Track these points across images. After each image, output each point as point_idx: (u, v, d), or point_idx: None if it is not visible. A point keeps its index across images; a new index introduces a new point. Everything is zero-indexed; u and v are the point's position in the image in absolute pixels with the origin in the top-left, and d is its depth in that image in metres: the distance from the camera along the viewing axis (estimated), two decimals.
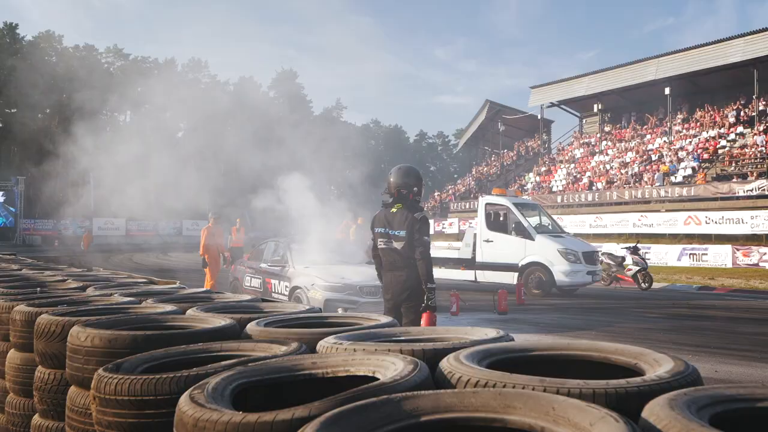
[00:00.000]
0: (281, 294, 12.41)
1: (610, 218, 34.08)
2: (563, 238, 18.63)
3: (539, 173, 45.56)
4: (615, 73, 43.60)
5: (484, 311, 14.14)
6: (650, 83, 41.11)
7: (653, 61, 40.94)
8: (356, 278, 11.69)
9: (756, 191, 30.27)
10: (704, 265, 27.59)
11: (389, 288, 6.13)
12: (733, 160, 34.56)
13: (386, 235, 6.09)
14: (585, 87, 45.30)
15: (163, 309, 3.91)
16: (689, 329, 11.79)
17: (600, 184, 38.97)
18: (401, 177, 6.10)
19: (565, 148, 48.89)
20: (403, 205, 6.02)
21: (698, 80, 41.06)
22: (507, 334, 2.81)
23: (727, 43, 37.24)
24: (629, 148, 41.88)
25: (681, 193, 33.24)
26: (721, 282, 22.52)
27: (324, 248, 12.84)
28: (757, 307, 15.84)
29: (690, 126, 40.40)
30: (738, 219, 29.23)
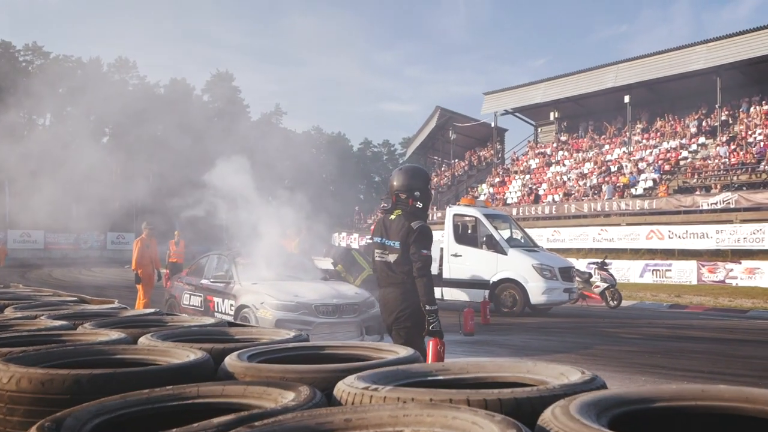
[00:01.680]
0: (225, 314, 11.67)
1: (568, 232, 34.05)
2: (538, 252, 18.25)
3: (493, 184, 45.50)
4: (572, 80, 43.89)
5: (449, 332, 13.54)
6: (609, 91, 41.49)
7: (612, 67, 41.32)
8: (311, 296, 11.05)
9: (720, 204, 30.55)
10: (668, 282, 27.67)
11: (384, 306, 5.60)
12: (696, 171, 34.96)
13: (382, 245, 5.59)
14: (541, 94, 45.49)
15: (108, 336, 3.23)
16: (675, 351, 11.49)
17: (557, 196, 39.04)
18: (401, 179, 5.57)
19: (519, 158, 49.00)
20: (403, 213, 5.48)
21: (659, 88, 41.58)
22: (596, 376, 2.24)
23: (689, 49, 37.77)
24: (587, 158, 42.13)
25: (642, 206, 33.41)
26: (688, 300, 22.50)
27: (274, 262, 12.17)
28: (737, 327, 15.70)
29: (650, 136, 40.84)
30: (702, 233, 29.41)
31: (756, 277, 25.83)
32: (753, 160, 32.84)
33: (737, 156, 33.73)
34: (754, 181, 32.09)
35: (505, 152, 52.91)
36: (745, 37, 35.57)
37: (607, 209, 34.81)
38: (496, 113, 49.10)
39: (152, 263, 14.78)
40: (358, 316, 11.08)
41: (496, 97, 48.72)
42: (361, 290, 12.01)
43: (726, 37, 36.43)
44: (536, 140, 50.39)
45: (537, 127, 50.80)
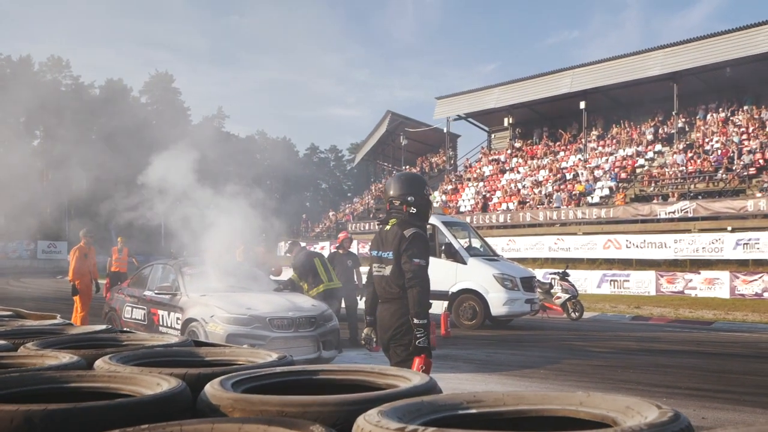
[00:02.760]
0: (171, 328, 11.18)
1: (523, 241, 34.06)
2: (498, 261, 18.04)
3: (445, 192, 45.46)
4: (527, 85, 44.08)
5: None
6: (564, 96, 41.76)
7: (568, 72, 41.60)
8: (265, 308, 10.63)
9: (678, 213, 30.89)
10: (626, 293, 27.80)
11: (380, 325, 5.28)
12: (653, 180, 35.35)
13: (378, 259, 5.29)
14: (495, 99, 45.60)
15: (58, 360, 2.84)
16: (647, 366, 11.37)
17: (512, 204, 39.12)
18: (395, 186, 5.31)
19: (472, 164, 49.07)
20: (397, 221, 5.20)
21: (615, 94, 42.06)
22: (678, 413, 1.92)
23: (646, 55, 38.22)
24: (542, 165, 42.34)
25: (599, 215, 33.63)
26: (649, 311, 22.62)
27: (224, 272, 11.74)
28: (704, 339, 15.74)
29: (606, 143, 41.24)
30: (660, 243, 29.66)
31: (715, 287, 26.07)
32: (710, 168, 33.32)
33: (694, 164, 34.19)
34: (712, 189, 32.56)
35: (458, 159, 52.98)
36: (702, 43, 36.10)
37: (563, 218, 34.95)
38: (449, 118, 49.07)
39: (91, 274, 14.18)
40: (316, 329, 10.71)
41: (449, 101, 48.73)
42: (317, 302, 11.64)
43: (683, 43, 36.94)
44: (490, 147, 50.54)
45: (490, 133, 50.96)
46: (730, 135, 35.27)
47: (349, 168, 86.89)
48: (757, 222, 28.61)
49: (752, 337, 16.56)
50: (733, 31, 35.07)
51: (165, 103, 69.36)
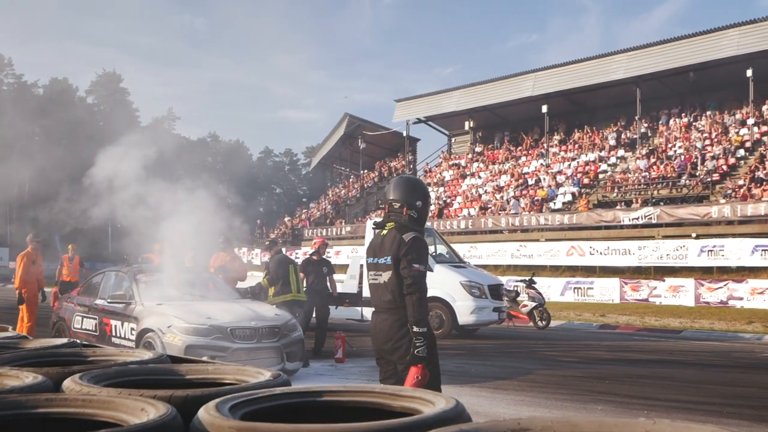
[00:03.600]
0: (125, 339, 10.81)
1: (485, 248, 34.03)
2: (465, 269, 17.88)
3: None
4: (488, 88, 44.16)
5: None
6: (526, 100, 41.94)
7: (530, 75, 41.78)
8: (225, 318, 10.33)
9: (642, 219, 31.11)
10: (590, 300, 27.86)
11: (375, 336, 5.12)
12: (616, 185, 35.62)
13: (374, 265, 5.12)
14: (455, 102, 45.62)
15: (21, 380, 2.55)
16: (621, 376, 11.30)
17: (473, 209, 39.12)
18: (397, 188, 5.18)
19: (432, 169, 49.05)
20: (395, 225, 5.06)
21: (577, 98, 42.37)
22: None
23: (609, 58, 38.55)
24: (503, 170, 42.44)
25: (562, 221, 33.73)
26: (614, 319, 22.70)
27: (181, 280, 11.41)
28: (675, 349, 15.80)
29: (568, 148, 41.47)
30: (624, 250, 29.82)
31: (680, 295, 26.24)
32: (674, 173, 33.64)
33: (657, 170, 34.51)
34: (675, 195, 32.90)
35: (417, 163, 52.98)
36: (665, 47, 36.50)
37: (525, 224, 34.99)
38: (408, 122, 48.98)
39: (38, 282, 13.71)
40: (279, 340, 10.46)
41: (409, 104, 48.63)
42: (281, 311, 11.37)
43: (646, 47, 37.32)
44: (450, 151, 50.58)
45: (451, 137, 51.02)
46: (693, 140, 35.67)
47: (305, 172, 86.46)
48: (721, 228, 28.93)
49: (723, 346, 16.67)
50: (697, 35, 35.54)
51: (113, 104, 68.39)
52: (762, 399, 9.53)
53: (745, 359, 14.23)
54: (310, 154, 79.31)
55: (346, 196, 52.28)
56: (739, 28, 34.00)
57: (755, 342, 17.90)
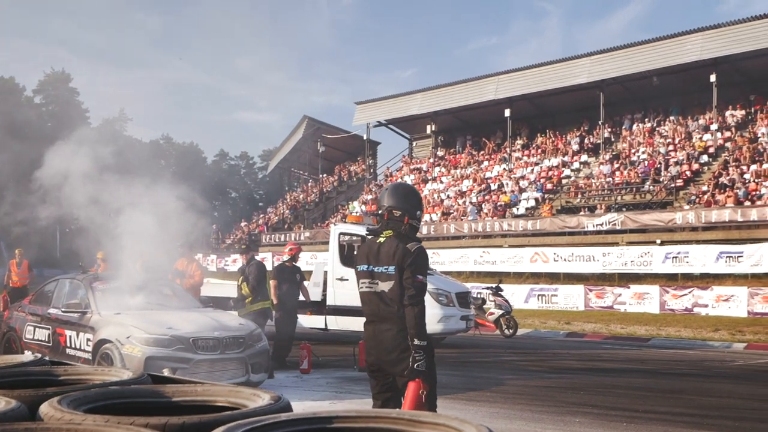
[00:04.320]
0: (81, 350, 10.50)
1: (448, 254, 33.97)
2: (432, 275, 17.70)
3: (365, 202, 45.19)
4: (450, 91, 44.17)
5: (342, 367, 13.04)
6: (489, 103, 42.04)
7: (493, 78, 41.87)
8: (188, 328, 10.08)
9: (606, 226, 31.28)
10: (555, 308, 27.94)
11: (372, 347, 5.06)
12: (579, 191, 35.83)
13: (369, 273, 5.07)
14: (417, 105, 45.56)
15: None
16: (596, 386, 11.29)
17: (435, 215, 39.08)
18: (397, 196, 5.20)
19: (393, 173, 48.96)
20: (394, 233, 5.05)
21: (540, 102, 42.57)
22: None
23: (572, 62, 38.77)
24: (465, 175, 42.49)
25: (525, 227, 33.81)
26: (580, 327, 22.76)
27: (140, 288, 11.11)
28: (645, 357, 15.90)
29: (531, 153, 41.66)
30: (589, 256, 29.96)
31: (645, 302, 26.41)
32: (637, 179, 33.94)
33: (621, 175, 34.79)
34: (639, 201, 33.17)
35: (378, 167, 52.88)
36: (628, 51, 36.82)
37: (488, 230, 35.01)
38: (369, 125, 48.81)
39: None
40: (244, 351, 10.25)
41: (369, 107, 48.49)
42: (245, 321, 11.15)
43: (610, 51, 37.57)
44: (411, 155, 50.54)
45: (412, 140, 50.99)
46: (656, 146, 36.03)
47: (261, 176, 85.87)
48: (685, 235, 29.20)
49: (693, 354, 16.79)
50: (661, 40, 35.87)
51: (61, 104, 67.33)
52: (741, 410, 9.55)
53: (718, 368, 14.33)
54: (267, 158, 78.83)
55: (304, 201, 51.95)
56: (703, 33, 34.40)
57: (725, 350, 18.05)
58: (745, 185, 29.55)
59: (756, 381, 12.46)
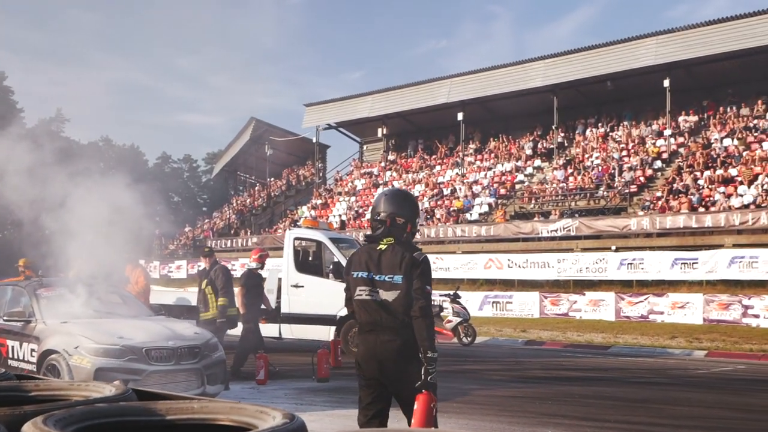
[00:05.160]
0: (25, 361, 10.10)
1: None
2: None
3: (315, 206, 44.95)
4: (402, 94, 44.17)
5: (300, 378, 12.82)
6: (441, 107, 42.12)
7: (446, 81, 41.96)
8: (140, 337, 9.75)
9: (561, 231, 31.48)
10: (510, 315, 27.98)
11: (372, 357, 4.95)
12: (533, 196, 36.02)
13: (369, 281, 4.98)
14: (368, 108, 45.47)
15: None
16: (564, 396, 11.23)
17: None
18: (400, 203, 5.17)
19: (343, 177, 48.79)
20: (396, 241, 5.01)
21: (493, 106, 42.74)
22: None
23: (526, 65, 39.01)
24: (417, 180, 42.49)
25: (479, 233, 33.85)
26: (536, 335, 22.83)
27: (89, 296, 10.76)
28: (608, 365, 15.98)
29: (484, 157, 41.81)
30: (543, 263, 30.09)
31: (600, 309, 26.59)
32: (591, 185, 34.24)
33: (575, 180, 35.08)
34: (593, 207, 33.47)
35: (328, 171, 52.69)
36: (583, 55, 37.14)
37: (441, 235, 35.02)
38: (318, 128, 48.50)
39: None
40: (199, 361, 9.96)
41: (319, 109, 48.25)
42: (201, 329, 10.87)
43: (564, 54, 37.90)
44: (362, 159, 50.44)
45: (363, 144, 50.89)
46: (610, 151, 36.40)
47: (205, 180, 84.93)
48: (640, 241, 29.53)
49: (655, 362, 16.90)
50: (615, 44, 36.26)
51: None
52: (712, 419, 9.56)
53: (683, 376, 14.42)
54: (212, 161, 77.99)
55: (251, 206, 51.50)
56: (657, 38, 34.87)
57: (685, 358, 18.22)
58: (699, 191, 29.95)
59: (723, 389, 12.53)
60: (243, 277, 13.99)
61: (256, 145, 52.80)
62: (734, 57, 33.90)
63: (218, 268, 12.97)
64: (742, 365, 16.46)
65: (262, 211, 50.43)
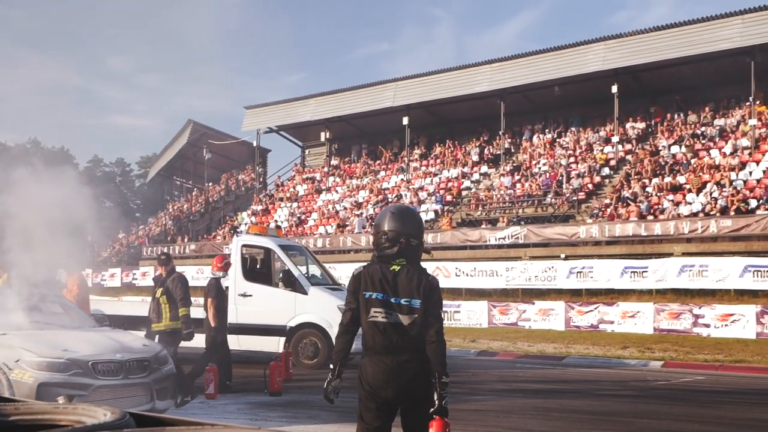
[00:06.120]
0: None
1: (345, 269, 33.54)
2: (342, 291, 17.37)
3: (255, 212, 44.49)
4: (346, 97, 43.93)
5: (252, 392, 12.50)
6: (386, 111, 41.97)
7: (391, 85, 41.83)
8: (86, 350, 9.38)
9: (509, 239, 31.60)
10: (458, 325, 27.88)
11: (388, 379, 4.94)
12: (480, 203, 36.13)
13: (385, 303, 4.99)
14: (311, 111, 45.15)
15: None
16: (529, 410, 11.15)
17: (330, 227, 38.75)
18: (413, 223, 5.23)
19: (285, 183, 48.40)
20: (408, 262, 5.05)
21: (439, 110, 42.80)
22: None
23: (473, 69, 39.05)
24: (361, 185, 42.35)
25: (425, 240, 33.70)
26: (486, 345, 22.77)
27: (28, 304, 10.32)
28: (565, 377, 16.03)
29: (429, 163, 41.83)
30: (492, 271, 30.15)
31: (550, 318, 26.69)
32: (539, 192, 34.46)
33: (522, 187, 35.27)
34: (541, 214, 33.69)
35: (268, 176, 52.35)
36: (530, 60, 37.30)
37: None
38: (259, 131, 47.93)
39: None
40: (149, 375, 9.63)
41: (259, 112, 47.72)
42: (150, 341, 10.53)
43: (511, 58, 38.00)
44: (304, 164, 50.14)
45: (305, 148, 50.57)
46: (557, 158, 36.69)
47: (138, 184, 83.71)
48: (588, 249, 29.76)
49: (615, 374, 16.95)
50: (563, 49, 36.50)
51: None
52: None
53: (645, 388, 14.47)
54: (145, 165, 76.92)
55: (189, 211, 50.82)
56: (605, 43, 35.21)
57: (643, 369, 18.31)
58: (647, 199, 30.33)
59: (688, 401, 12.54)
60: (211, 288, 13.59)
61: (193, 148, 52.12)
62: (681, 63, 34.47)
63: (176, 277, 12.52)
64: (700, 376, 16.58)
65: (200, 217, 49.81)
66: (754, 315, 22.75)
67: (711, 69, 34.56)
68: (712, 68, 34.47)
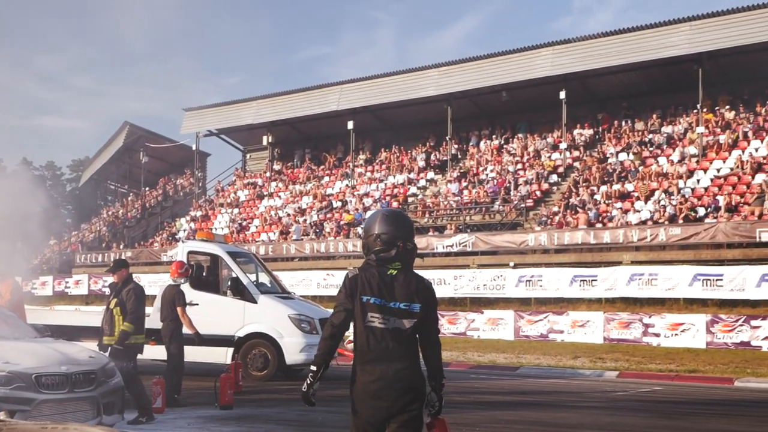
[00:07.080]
0: None
1: (288, 276, 33.31)
2: (293, 300, 17.17)
3: (194, 218, 43.93)
4: (290, 100, 43.68)
5: (201, 405, 12.19)
6: (331, 114, 41.83)
7: (336, 88, 41.66)
8: (28, 362, 9.02)
9: (457, 247, 31.61)
10: None
11: (383, 388, 4.76)
12: (427, 210, 36.11)
13: (383, 308, 4.86)
14: (253, 114, 44.73)
15: None
16: (491, 422, 11.05)
17: (273, 234, 38.41)
18: (408, 228, 5.21)
19: (225, 188, 47.89)
20: (403, 266, 5.01)
21: (384, 115, 42.77)
22: None
23: (419, 73, 39.06)
24: (305, 191, 42.07)
25: None
26: None
27: None
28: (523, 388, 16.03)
29: (375, 168, 41.72)
30: (440, 279, 30.05)
31: (499, 328, 26.74)
32: (487, 198, 34.52)
33: (470, 194, 35.31)
34: (489, 221, 33.75)
35: (208, 181, 51.86)
36: (478, 64, 37.34)
37: (332, 250, 34.68)
38: (198, 134, 47.36)
39: None
40: (96, 389, 9.30)
41: (199, 114, 47.19)
42: (96, 353, 10.18)
43: (459, 63, 38.05)
44: (245, 168, 49.71)
45: (246, 152, 50.14)
46: (505, 164, 36.81)
47: (70, 188, 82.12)
48: (537, 257, 29.88)
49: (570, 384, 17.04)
50: (511, 53, 36.66)
51: None
52: None
53: (605, 399, 14.51)
54: (77, 168, 75.55)
55: (124, 217, 49.98)
56: (554, 48, 35.43)
57: (598, 379, 18.40)
58: (596, 206, 30.57)
59: (651, 412, 12.52)
60: (179, 296, 13.23)
61: (129, 152, 51.35)
62: (629, 70, 34.91)
63: (132, 288, 11.72)
64: (657, 386, 16.70)
65: (136, 223, 49.06)
66: (704, 324, 23.00)
67: (659, 76, 35.08)
68: (660, 75, 34.98)
